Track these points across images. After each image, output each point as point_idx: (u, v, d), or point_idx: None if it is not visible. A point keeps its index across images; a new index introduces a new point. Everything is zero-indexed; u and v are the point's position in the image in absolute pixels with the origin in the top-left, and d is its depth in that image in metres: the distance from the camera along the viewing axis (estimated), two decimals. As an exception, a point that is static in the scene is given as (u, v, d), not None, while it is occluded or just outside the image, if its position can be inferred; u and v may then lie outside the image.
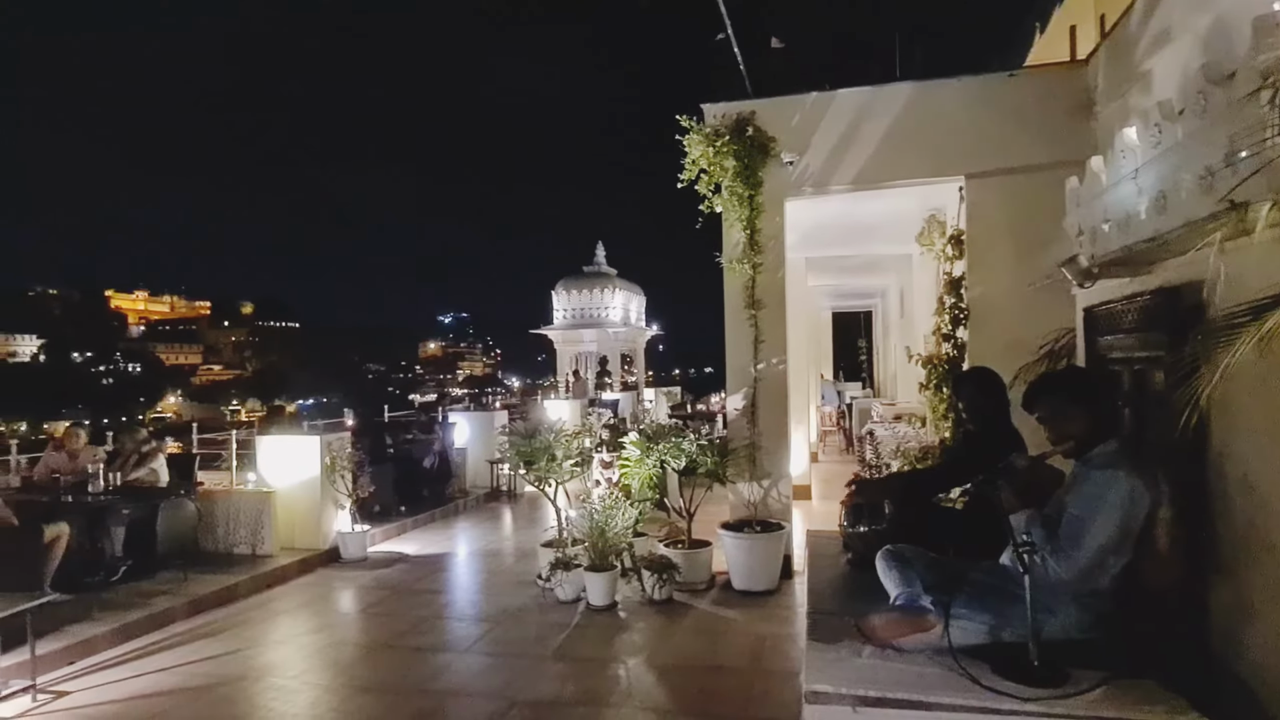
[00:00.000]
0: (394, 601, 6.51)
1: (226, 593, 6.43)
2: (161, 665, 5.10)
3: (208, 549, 7.40)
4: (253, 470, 7.97)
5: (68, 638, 5.18)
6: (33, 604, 4.59)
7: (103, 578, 6.28)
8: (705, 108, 6.60)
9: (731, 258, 6.59)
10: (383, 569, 7.48)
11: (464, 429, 11.38)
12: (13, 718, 4.33)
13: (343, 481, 7.78)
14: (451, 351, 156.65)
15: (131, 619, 5.62)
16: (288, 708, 4.53)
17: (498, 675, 4.84)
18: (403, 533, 8.87)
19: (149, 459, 6.92)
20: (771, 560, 6.19)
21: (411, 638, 5.59)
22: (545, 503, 10.10)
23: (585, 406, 13.01)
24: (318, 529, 7.63)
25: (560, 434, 6.52)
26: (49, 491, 6.38)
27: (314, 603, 6.56)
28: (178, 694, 4.67)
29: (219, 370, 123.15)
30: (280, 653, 5.48)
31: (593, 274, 19.71)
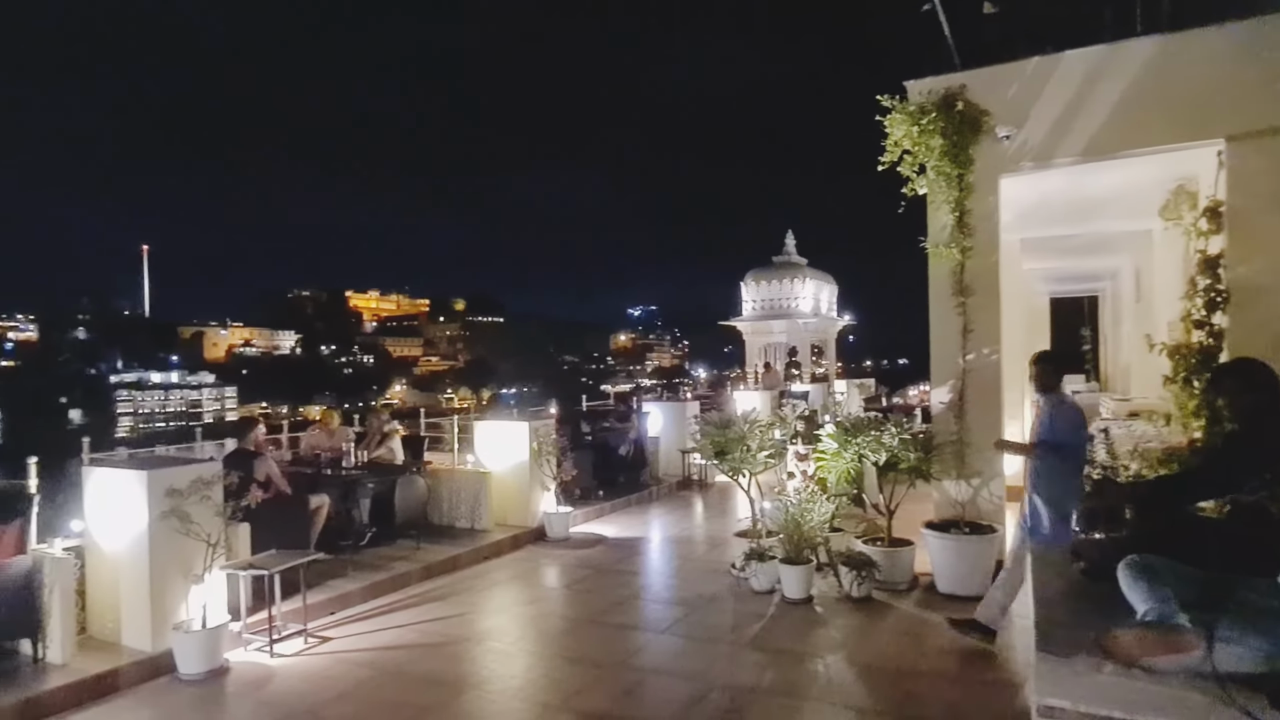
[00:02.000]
0: (595, 580, 6.86)
1: (451, 562, 7.12)
2: (401, 622, 5.76)
3: (434, 522, 8.23)
4: (471, 452, 8.74)
5: (329, 591, 6.00)
6: (304, 560, 5.38)
7: (353, 542, 7.19)
8: (909, 84, 6.26)
9: (937, 242, 6.21)
10: (584, 549, 7.91)
11: (657, 418, 11.70)
12: (291, 654, 5.11)
13: (548, 465, 8.31)
14: (641, 344, 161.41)
15: (377, 579, 6.40)
16: (506, 670, 4.95)
17: (696, 659, 4.96)
18: (601, 516, 9.31)
19: (389, 439, 7.84)
20: (982, 564, 5.79)
21: (613, 615, 5.87)
22: (736, 493, 10.18)
23: (777, 398, 12.87)
24: (526, 508, 8.22)
25: (754, 425, 6.52)
26: (312, 466, 7.42)
27: (524, 576, 7.08)
28: (415, 648, 5.26)
29: (436, 361, 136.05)
30: (497, 620, 5.98)
31: (782, 264, 19.41)
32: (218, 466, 5.24)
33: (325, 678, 4.77)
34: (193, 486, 4.85)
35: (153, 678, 4.73)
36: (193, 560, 4.87)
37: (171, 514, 4.76)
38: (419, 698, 4.48)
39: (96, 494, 5.04)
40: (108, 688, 4.56)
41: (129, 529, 4.85)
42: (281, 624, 5.25)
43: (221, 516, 5.05)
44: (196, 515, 4.85)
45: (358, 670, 4.88)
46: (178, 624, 4.79)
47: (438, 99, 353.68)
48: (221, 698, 4.58)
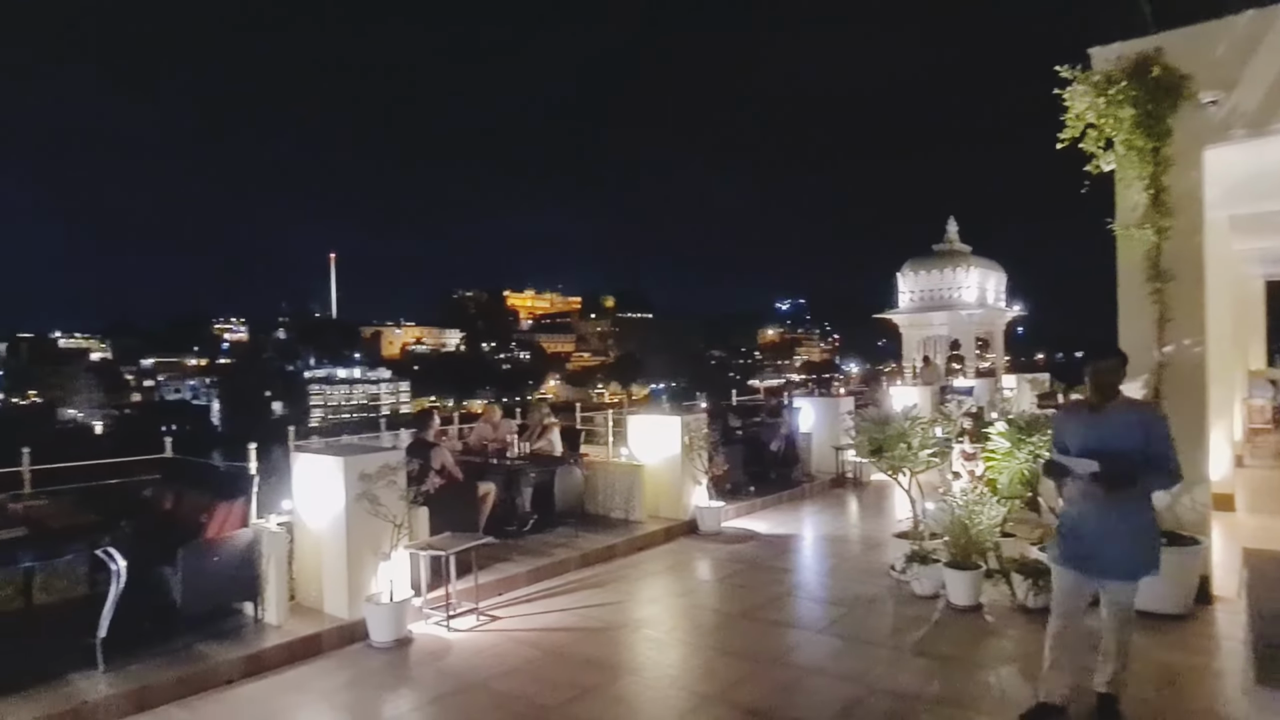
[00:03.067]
0: (748, 575, 6.85)
1: (607, 551, 7.37)
2: (562, 606, 6.04)
3: (590, 512, 8.53)
4: (625, 445, 8.98)
5: (497, 573, 6.40)
6: (476, 544, 5.78)
7: (516, 528, 7.61)
8: (1094, 51, 5.72)
9: (1128, 223, 5.64)
10: (736, 544, 7.91)
11: (809, 414, 11.46)
12: (465, 630, 5.50)
13: (699, 459, 8.38)
14: (789, 338, 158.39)
15: (539, 564, 6.74)
16: (662, 658, 5.06)
17: (854, 660, 4.83)
18: (752, 511, 9.26)
19: (549, 432, 8.23)
20: (1183, 579, 5.21)
21: (767, 611, 5.83)
22: (893, 493, 9.77)
23: (938, 393, 12.22)
24: (679, 501, 8.33)
25: (915, 422, 6.23)
26: (480, 456, 7.93)
27: (677, 568, 7.19)
28: (576, 632, 5.50)
29: (588, 357, 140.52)
30: (652, 609, 6.12)
31: (943, 252, 18.38)
32: (401, 454, 5.74)
33: (495, 654, 5.10)
34: (381, 472, 5.34)
35: (349, 643, 5.26)
36: (381, 539, 5.36)
37: (364, 496, 5.27)
38: (580, 679, 4.68)
39: (302, 477, 5.67)
40: (313, 649, 5.12)
41: (329, 508, 5.43)
42: (456, 601, 5.66)
43: (405, 500, 5.53)
44: (384, 498, 5.34)
45: (524, 649, 5.18)
46: (369, 596, 5.30)
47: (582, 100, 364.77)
48: (407, 665, 5.02)
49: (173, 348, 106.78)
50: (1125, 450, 3.56)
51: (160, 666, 4.59)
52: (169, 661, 4.67)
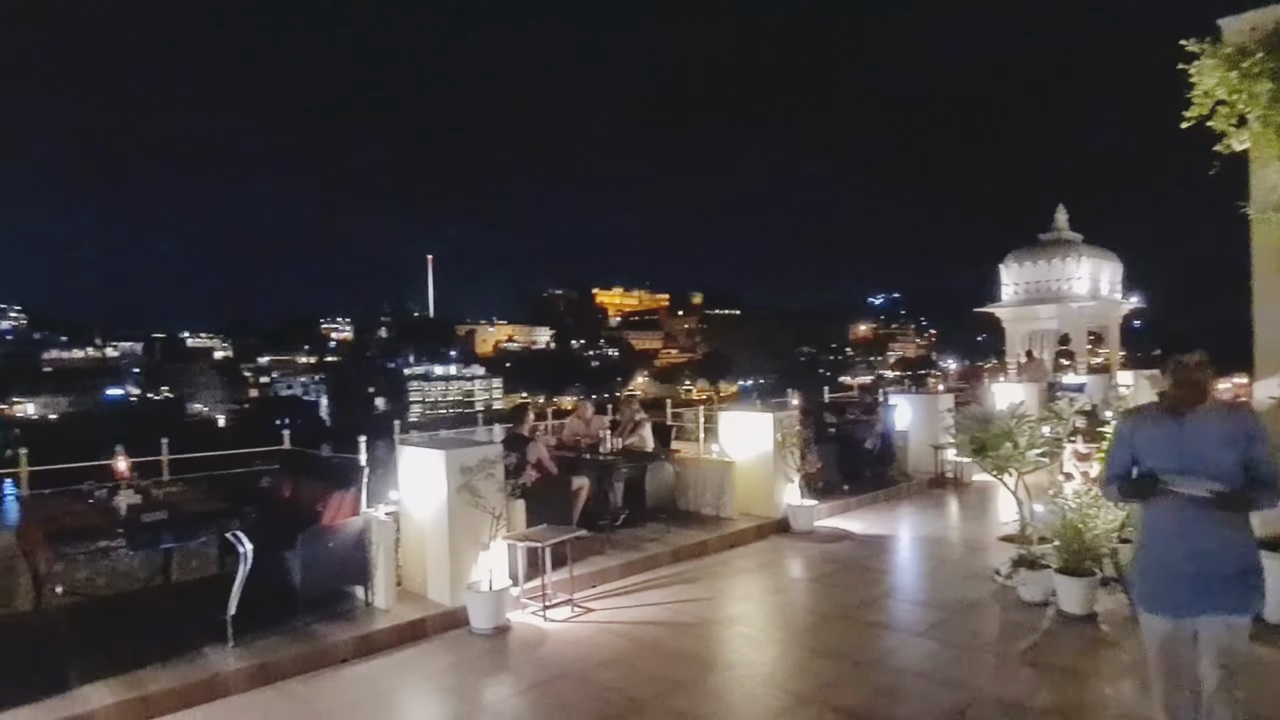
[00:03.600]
0: (842, 575, 6.71)
1: (699, 547, 7.37)
2: (655, 600, 6.09)
3: (681, 508, 8.56)
4: (715, 442, 8.96)
5: (590, 566, 6.51)
6: (570, 536, 5.90)
7: (608, 522, 7.71)
8: (1225, 22, 5.31)
9: (1265, 206, 5.21)
10: (829, 543, 7.76)
11: (905, 411, 11.11)
12: (560, 620, 5.63)
13: (791, 457, 8.27)
14: (882, 333, 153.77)
15: (632, 558, 6.82)
16: (756, 656, 5.04)
17: (956, 666, 4.67)
18: (846, 510, 9.07)
19: (640, 427, 8.30)
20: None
21: (863, 612, 5.71)
22: (996, 494, 9.36)
23: (1045, 390, 11.61)
24: (770, 499, 8.25)
25: (1023, 419, 5.95)
26: (573, 451, 8.09)
27: (769, 566, 7.12)
28: (669, 626, 5.54)
29: (675, 354, 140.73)
30: (745, 607, 6.09)
31: (1051, 242, 17.43)
32: (499, 448, 5.93)
33: (591, 644, 5.20)
34: (481, 465, 5.53)
35: (451, 628, 5.47)
36: (481, 529, 5.55)
37: (464, 488, 5.47)
38: (674, 672, 4.72)
39: (407, 469, 5.94)
40: (419, 633, 5.37)
41: (432, 499, 5.67)
42: (551, 592, 5.80)
43: (503, 492, 5.71)
44: (484, 490, 5.53)
45: (618, 641, 5.26)
46: (470, 584, 5.50)
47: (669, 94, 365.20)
48: (506, 652, 5.18)
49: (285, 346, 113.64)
50: (1224, 464, 2.93)
51: (282, 644, 4.92)
52: (289, 639, 4.99)
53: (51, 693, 4.17)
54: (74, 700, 4.14)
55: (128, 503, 4.72)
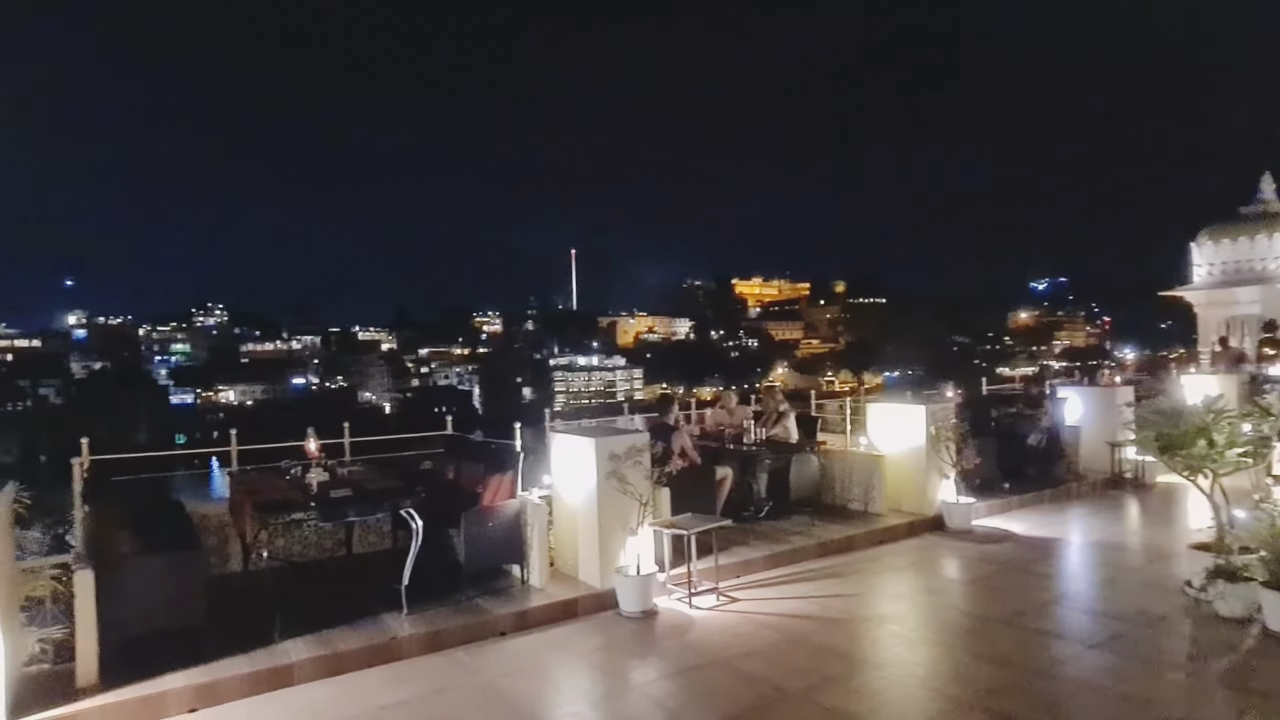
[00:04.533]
0: (1004, 578, 6.33)
1: (846, 542, 7.19)
2: (801, 593, 6.01)
3: (826, 501, 8.36)
4: (863, 434, 8.68)
5: (735, 556, 6.52)
6: (715, 525, 5.94)
7: (752, 514, 7.68)
8: None
9: None
10: (989, 544, 7.33)
11: (1076, 405, 10.26)
12: (706, 608, 5.69)
13: (946, 452, 7.86)
14: (1046, 321, 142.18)
15: (776, 550, 6.77)
16: (909, 656, 4.86)
17: (1138, 682, 4.28)
18: (1007, 510, 8.51)
19: (784, 418, 8.20)
20: None
21: (1028, 619, 5.35)
22: (1184, 497, 8.47)
23: (1246, 383, 10.32)
24: (923, 496, 7.89)
25: (1221, 415, 5.33)
26: (716, 441, 8.11)
27: (922, 565, 6.83)
28: (816, 620, 5.45)
29: (816, 344, 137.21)
30: (896, 605, 5.89)
31: (1254, 216, 15.44)
32: (647, 436, 6.06)
33: (736, 634, 5.22)
34: (629, 453, 5.68)
35: (601, 610, 5.67)
36: (629, 515, 5.70)
37: (613, 475, 5.64)
38: (822, 667, 4.65)
39: (559, 455, 6.20)
40: (570, 612, 5.60)
41: (583, 485, 5.89)
42: (697, 580, 5.87)
43: (650, 480, 5.84)
44: (631, 477, 5.68)
45: (764, 632, 5.24)
46: (619, 568, 5.67)
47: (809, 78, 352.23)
48: (653, 636, 5.31)
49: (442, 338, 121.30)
50: None
51: (448, 614, 5.30)
52: (455, 611, 5.36)
53: (259, 644, 4.73)
54: (277, 653, 4.68)
55: (318, 480, 5.25)
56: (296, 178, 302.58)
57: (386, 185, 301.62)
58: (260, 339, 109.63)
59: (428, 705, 4.31)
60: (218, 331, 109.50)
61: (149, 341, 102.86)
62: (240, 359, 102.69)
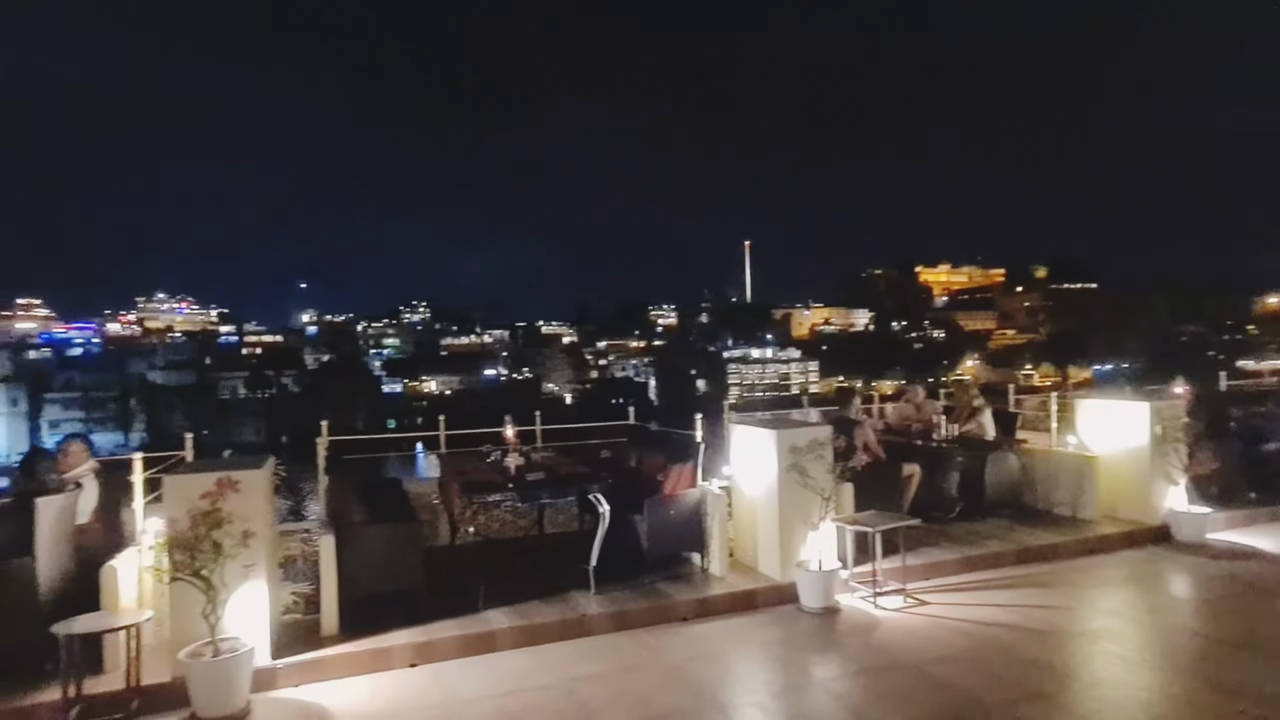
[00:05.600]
0: (1248, 600, 5.55)
1: (1050, 549, 6.61)
2: (999, 601, 5.62)
3: (1027, 504, 7.73)
4: (1071, 433, 7.92)
5: (923, 557, 6.22)
6: (902, 524, 5.71)
7: (942, 514, 7.27)
8: None
9: None
10: (1228, 560, 6.44)
11: (1345, 405, 8.72)
12: (892, 609, 5.48)
13: (1176, 455, 6.99)
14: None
15: (970, 554, 6.37)
16: (1129, 678, 4.41)
17: None
18: (1251, 523, 7.42)
19: (979, 414, 7.68)
20: None
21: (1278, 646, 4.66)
22: None
23: None
24: (1145, 502, 7.07)
25: None
26: (902, 436, 7.76)
27: (1143, 579, 6.14)
28: (1017, 630, 5.08)
29: (1012, 335, 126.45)
30: (1110, 621, 5.36)
31: None
32: (829, 430, 5.94)
33: (926, 638, 4.99)
34: (810, 446, 5.60)
35: (780, 603, 5.64)
36: (810, 509, 5.62)
37: (794, 468, 5.59)
38: (1025, 680, 4.34)
39: (738, 446, 6.24)
40: (750, 603, 5.62)
41: (762, 477, 5.88)
42: (882, 580, 5.67)
43: (832, 474, 5.72)
44: (813, 471, 5.59)
45: (957, 638, 4.97)
46: (799, 562, 5.61)
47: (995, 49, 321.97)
48: (835, 633, 5.20)
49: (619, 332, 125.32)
50: None
51: (633, 597, 5.51)
52: (639, 594, 5.57)
53: (465, 612, 5.19)
54: (481, 621, 5.11)
55: (515, 464, 5.66)
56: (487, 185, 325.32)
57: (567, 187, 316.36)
58: (457, 334, 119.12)
59: (618, 681, 4.53)
60: (421, 327, 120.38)
61: (365, 337, 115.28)
62: (440, 352, 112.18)
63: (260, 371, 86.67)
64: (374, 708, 4.26)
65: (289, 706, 4.29)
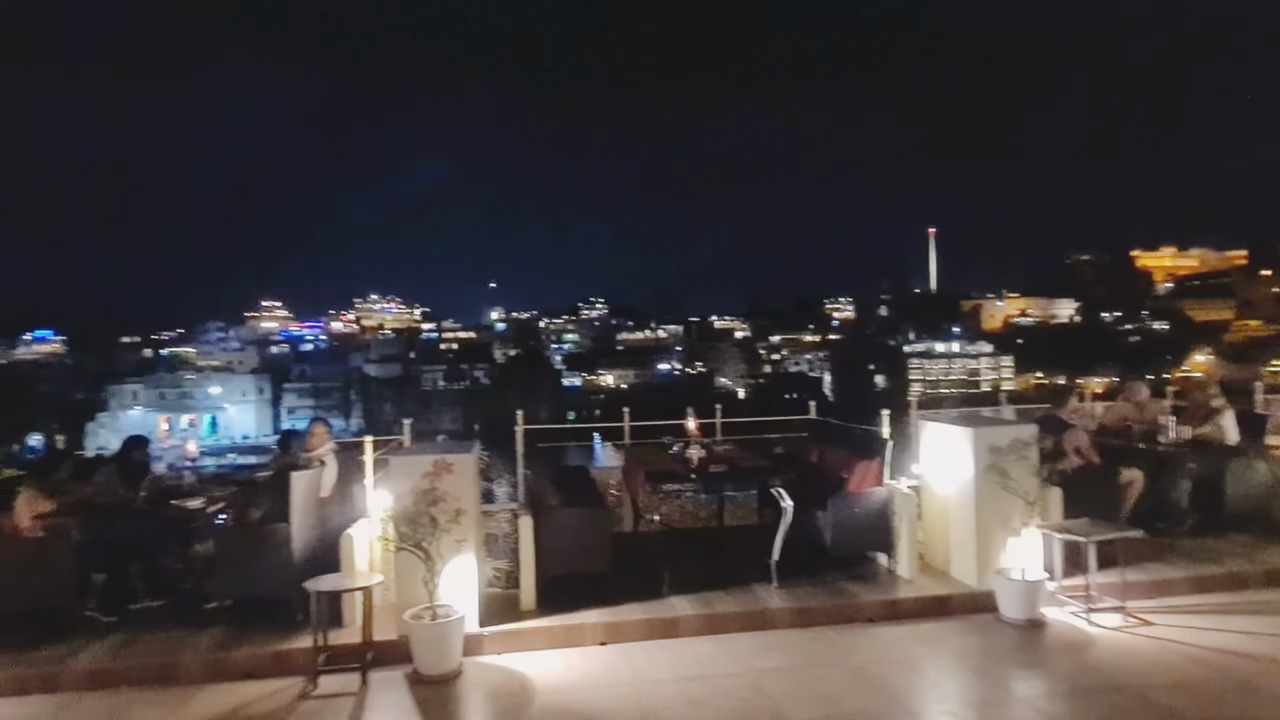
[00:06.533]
0: None
1: (1312, 573, 5.70)
2: (1241, 628, 4.94)
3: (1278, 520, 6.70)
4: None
5: (1146, 574, 5.59)
6: (1121, 535, 5.17)
7: (1168, 526, 6.48)
8: None
9: None
10: None
11: None
12: (1109, 627, 4.98)
13: None
14: None
15: (1205, 573, 5.64)
16: None
17: None
18: None
19: (1218, 415, 6.74)
20: None
21: None
22: None
23: None
24: None
25: None
26: (1121, 438, 7.00)
27: None
28: (1264, 662, 4.45)
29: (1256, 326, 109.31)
30: (1397, 662, 4.52)
31: None
32: (1033, 429, 5.50)
33: (1151, 662, 4.50)
34: (1012, 446, 5.22)
35: (976, 612, 5.30)
36: (1010, 514, 5.24)
37: (993, 469, 5.24)
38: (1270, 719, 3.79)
39: (928, 444, 5.94)
40: (942, 609, 5.34)
41: (956, 477, 5.57)
42: (1097, 595, 5.17)
43: (1037, 477, 5.29)
44: (1014, 473, 5.21)
45: (1189, 665, 4.44)
46: (999, 570, 5.25)
47: None
48: (1041, 648, 4.82)
49: (793, 326, 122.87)
50: None
51: (816, 593, 5.43)
52: (821, 591, 5.48)
53: (650, 597, 5.38)
54: (666, 606, 5.27)
55: (698, 456, 5.77)
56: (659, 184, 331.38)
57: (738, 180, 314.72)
58: (632, 329, 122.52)
59: (802, 677, 4.50)
60: (599, 323, 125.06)
61: (547, 332, 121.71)
62: (616, 347, 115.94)
63: (456, 365, 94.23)
64: (569, 680, 4.54)
65: (495, 672, 4.68)
